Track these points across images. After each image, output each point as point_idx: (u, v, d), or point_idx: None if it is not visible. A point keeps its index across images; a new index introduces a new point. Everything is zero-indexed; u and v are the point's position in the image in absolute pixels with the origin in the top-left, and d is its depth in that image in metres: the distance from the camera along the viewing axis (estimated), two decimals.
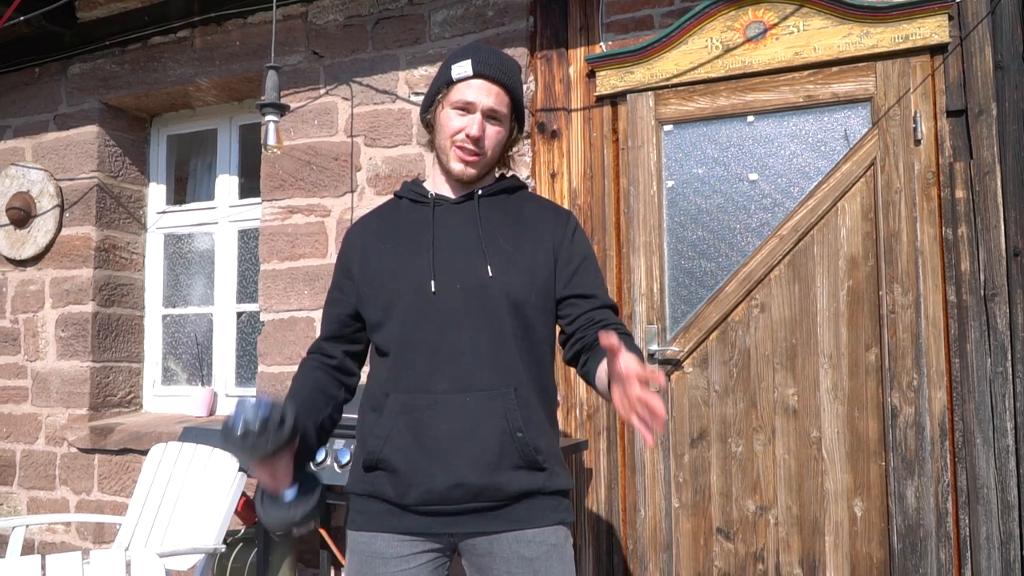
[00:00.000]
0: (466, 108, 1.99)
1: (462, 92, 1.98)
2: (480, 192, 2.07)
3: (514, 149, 2.16)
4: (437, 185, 2.11)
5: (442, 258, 1.97)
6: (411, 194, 2.12)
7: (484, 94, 1.98)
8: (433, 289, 1.94)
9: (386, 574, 1.92)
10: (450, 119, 2.00)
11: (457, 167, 2.01)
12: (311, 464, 1.93)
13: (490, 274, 1.94)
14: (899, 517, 3.27)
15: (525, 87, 3.94)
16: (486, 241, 1.99)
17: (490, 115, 2.00)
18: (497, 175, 2.19)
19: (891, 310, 3.33)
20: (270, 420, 1.65)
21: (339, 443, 3.37)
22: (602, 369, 1.85)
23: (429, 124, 2.10)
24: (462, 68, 1.98)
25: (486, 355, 1.92)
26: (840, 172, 3.45)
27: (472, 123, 1.98)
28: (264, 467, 1.73)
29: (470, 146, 1.99)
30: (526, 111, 3.90)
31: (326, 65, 4.47)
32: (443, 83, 2.03)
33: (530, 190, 2.24)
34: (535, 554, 1.92)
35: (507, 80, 2.01)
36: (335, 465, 3.34)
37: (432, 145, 2.10)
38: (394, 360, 1.97)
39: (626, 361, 1.51)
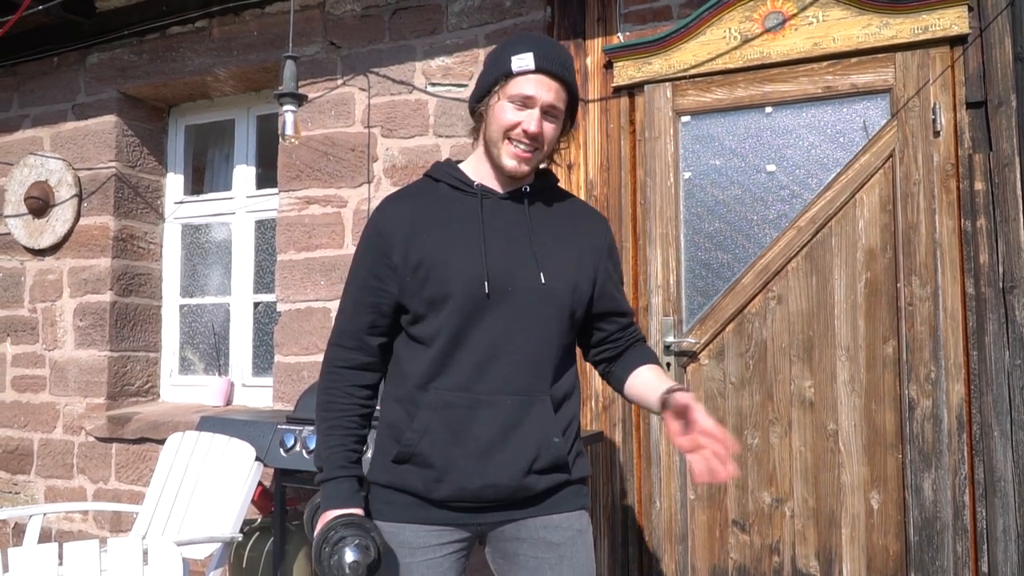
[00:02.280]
0: (525, 103, 1.92)
1: (522, 86, 1.92)
2: (528, 189, 2.04)
3: (563, 144, 2.10)
4: (480, 175, 2.05)
5: (494, 257, 1.93)
6: (451, 180, 2.05)
7: (545, 90, 1.92)
8: (487, 291, 1.90)
9: (413, 564, 1.93)
10: (506, 112, 1.94)
11: (511, 163, 1.95)
12: None
13: (543, 280, 1.93)
14: (916, 510, 3.26)
15: None
16: (536, 244, 1.97)
17: (548, 111, 1.94)
18: None
19: (909, 302, 3.32)
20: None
21: None
22: (637, 383, 2.05)
23: (479, 114, 2.02)
24: (523, 61, 1.91)
25: (528, 359, 1.92)
26: (858, 164, 3.44)
27: (531, 119, 1.92)
28: None
29: (526, 141, 1.93)
30: None
31: (343, 55, 4.48)
32: (501, 74, 1.95)
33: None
34: (561, 539, 1.95)
35: (568, 76, 1.96)
36: None
37: (478, 133, 2.04)
38: (438, 355, 1.93)
39: (705, 422, 1.74)
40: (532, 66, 1.90)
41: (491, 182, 2.04)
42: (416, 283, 1.94)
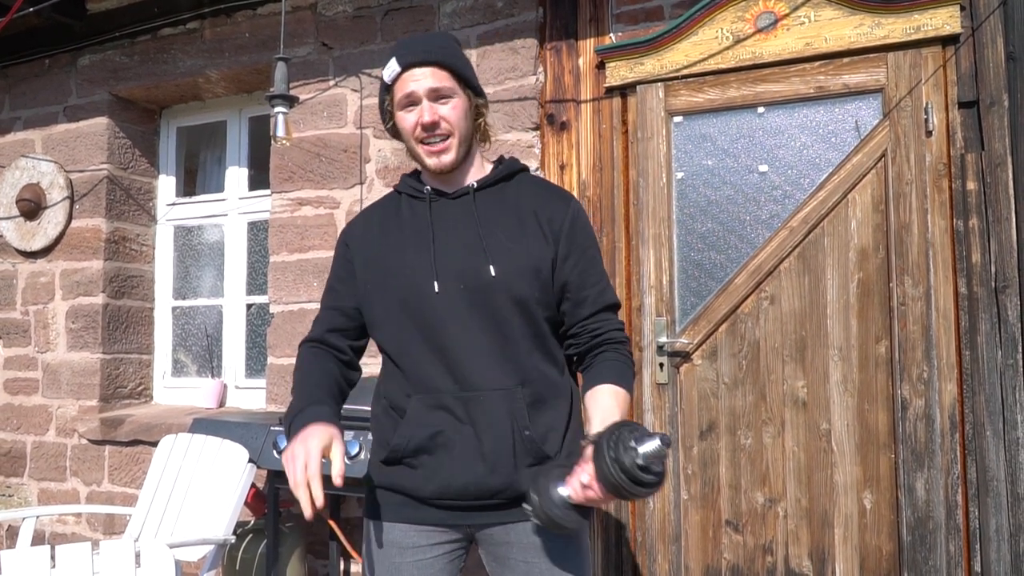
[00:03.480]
0: (410, 102, 1.96)
1: (400, 90, 1.96)
2: (475, 185, 2.04)
3: (484, 117, 2.10)
4: (431, 181, 2.09)
5: (443, 257, 1.95)
6: (409, 188, 2.10)
7: (419, 79, 1.94)
8: (436, 290, 1.93)
9: (403, 564, 1.95)
10: (404, 120, 1.98)
11: (431, 161, 1.99)
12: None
13: (493, 274, 1.92)
14: (908, 509, 3.27)
15: (535, 78, 3.93)
16: (486, 238, 1.96)
17: (435, 96, 1.95)
18: (494, 159, 2.16)
19: (901, 302, 3.32)
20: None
21: (348, 435, 3.38)
22: (588, 406, 1.91)
23: (397, 136, 2.08)
24: (390, 69, 1.97)
25: (492, 355, 1.91)
26: (851, 164, 3.44)
27: (422, 111, 1.95)
28: None
29: (427, 134, 1.96)
30: (536, 102, 3.92)
31: (335, 57, 4.47)
32: (383, 93, 2.03)
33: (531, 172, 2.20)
34: (551, 543, 1.94)
35: (436, 57, 1.95)
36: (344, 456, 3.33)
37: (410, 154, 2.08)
38: (402, 361, 1.97)
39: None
40: (398, 68, 1.95)
41: (440, 186, 2.07)
42: (373, 289, 2.02)
